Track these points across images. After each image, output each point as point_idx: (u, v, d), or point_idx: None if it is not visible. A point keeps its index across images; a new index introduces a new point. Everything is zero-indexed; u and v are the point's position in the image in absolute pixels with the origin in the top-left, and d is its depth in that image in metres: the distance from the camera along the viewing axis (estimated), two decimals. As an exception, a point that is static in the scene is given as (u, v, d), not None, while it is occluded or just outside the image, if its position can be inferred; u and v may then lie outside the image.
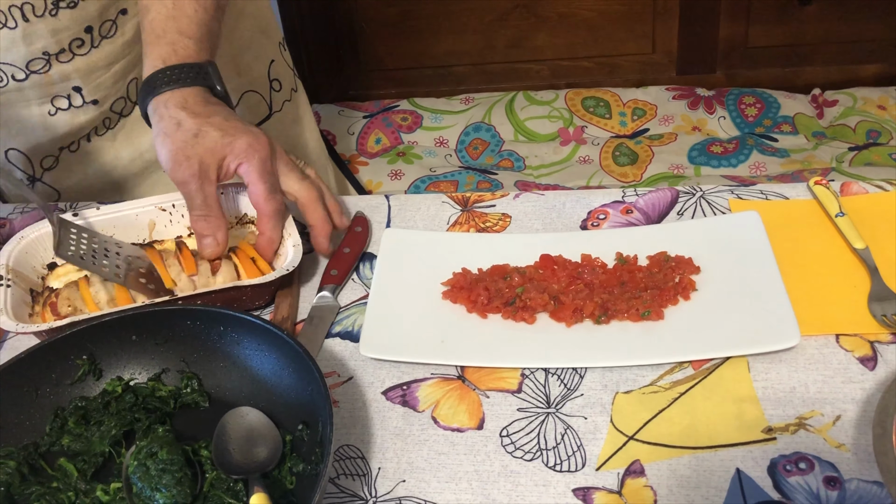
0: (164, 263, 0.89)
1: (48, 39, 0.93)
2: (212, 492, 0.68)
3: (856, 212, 0.87)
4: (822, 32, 2.25)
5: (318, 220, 0.88)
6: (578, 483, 0.69)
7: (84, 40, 0.96)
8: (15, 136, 1.02)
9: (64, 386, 0.76)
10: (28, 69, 0.93)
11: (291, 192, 0.87)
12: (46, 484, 0.71)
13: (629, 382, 0.76)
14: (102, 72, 1.00)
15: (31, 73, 0.94)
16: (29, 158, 1.05)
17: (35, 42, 0.92)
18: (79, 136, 1.05)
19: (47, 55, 0.94)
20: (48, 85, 0.97)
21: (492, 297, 0.83)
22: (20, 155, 1.04)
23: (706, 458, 0.69)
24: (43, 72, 0.94)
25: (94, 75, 1.00)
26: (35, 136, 1.02)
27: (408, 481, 0.71)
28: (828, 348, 0.76)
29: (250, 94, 1.16)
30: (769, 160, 2.11)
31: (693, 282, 0.83)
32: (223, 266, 0.88)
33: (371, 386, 0.79)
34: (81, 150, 1.07)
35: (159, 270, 0.88)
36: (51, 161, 1.06)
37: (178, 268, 0.88)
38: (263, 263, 0.88)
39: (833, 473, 0.67)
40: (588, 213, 0.94)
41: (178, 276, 0.88)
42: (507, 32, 2.35)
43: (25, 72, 0.94)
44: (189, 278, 0.88)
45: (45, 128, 1.01)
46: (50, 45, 0.94)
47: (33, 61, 0.94)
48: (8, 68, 0.93)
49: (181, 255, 0.89)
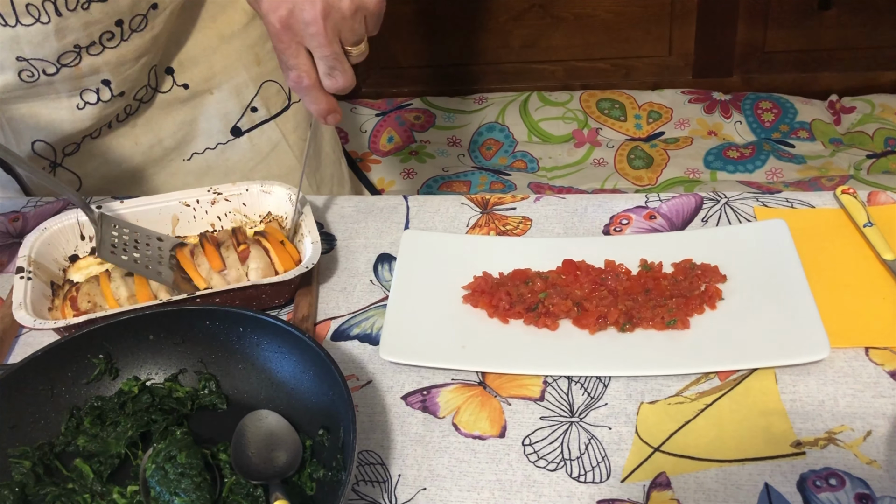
0: (195, 263, 0.88)
1: (80, 33, 0.92)
2: (231, 497, 0.67)
3: (884, 222, 0.86)
4: (841, 38, 2.23)
5: None
6: (603, 495, 0.68)
7: (114, 33, 0.96)
8: (43, 129, 1.02)
9: (80, 385, 0.75)
10: (59, 63, 0.93)
11: None
12: (62, 485, 0.70)
13: (654, 392, 0.75)
14: (131, 64, 1.00)
15: (63, 67, 0.94)
16: (53, 147, 1.05)
17: (67, 36, 0.92)
18: (101, 125, 1.05)
19: (78, 48, 0.93)
20: (78, 78, 0.96)
21: (513, 301, 0.82)
22: (46, 146, 1.04)
23: (734, 472, 0.68)
24: (73, 65, 0.94)
25: (123, 68, 0.99)
26: (62, 129, 1.02)
27: (429, 489, 0.70)
28: (857, 361, 0.75)
29: (269, 84, 1.16)
30: (786, 166, 2.09)
31: (719, 290, 0.81)
32: (253, 252, 0.86)
33: (391, 390, 0.78)
34: (102, 137, 1.07)
35: (189, 273, 0.87)
36: (72, 147, 1.06)
37: (207, 266, 0.87)
38: (291, 248, 0.87)
39: (864, 490, 0.65)
40: (610, 218, 0.93)
41: (208, 274, 0.87)
42: (523, 32, 2.34)
43: (56, 65, 0.93)
44: (220, 274, 0.87)
45: (72, 121, 1.01)
46: (81, 38, 0.93)
47: (65, 55, 0.93)
48: (39, 63, 0.93)
49: (204, 252, 0.88)
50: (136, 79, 1.03)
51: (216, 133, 1.14)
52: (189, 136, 1.12)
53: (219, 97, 1.12)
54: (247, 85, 1.14)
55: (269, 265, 0.86)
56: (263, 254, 0.87)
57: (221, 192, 0.93)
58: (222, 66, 1.11)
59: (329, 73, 0.81)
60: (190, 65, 1.09)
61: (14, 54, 0.91)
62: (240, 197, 0.93)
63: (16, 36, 0.90)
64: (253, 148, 1.16)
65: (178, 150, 1.13)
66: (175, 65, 1.08)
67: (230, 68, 1.12)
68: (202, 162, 1.14)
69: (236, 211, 0.94)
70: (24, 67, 0.93)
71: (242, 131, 1.15)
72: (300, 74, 0.81)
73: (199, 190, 0.93)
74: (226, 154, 1.15)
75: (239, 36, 1.12)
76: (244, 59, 1.13)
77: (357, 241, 0.95)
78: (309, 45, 0.79)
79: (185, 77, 1.09)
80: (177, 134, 1.12)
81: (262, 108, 1.15)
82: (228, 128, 1.14)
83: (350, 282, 0.90)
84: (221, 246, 0.89)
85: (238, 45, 1.12)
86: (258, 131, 1.16)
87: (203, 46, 1.09)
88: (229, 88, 1.12)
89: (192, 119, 1.12)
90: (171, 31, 1.05)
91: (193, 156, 1.14)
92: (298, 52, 0.80)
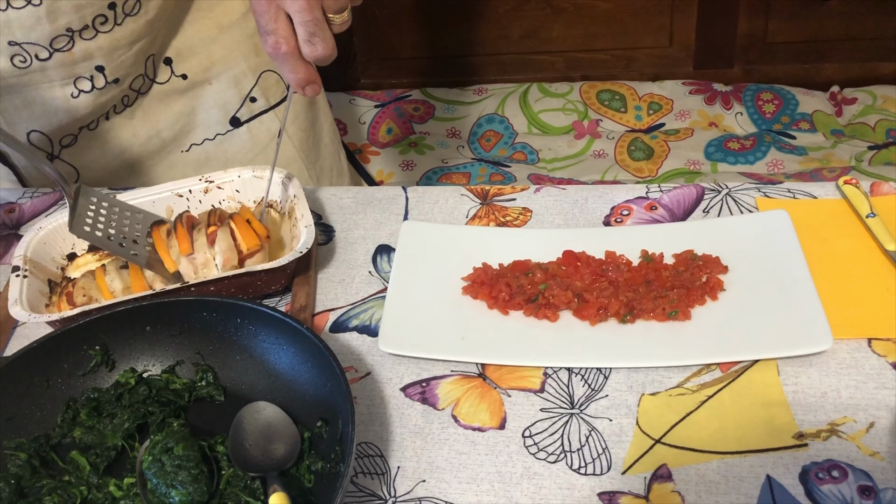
0: (167, 244, 0.86)
1: (72, 15, 0.91)
2: (228, 489, 0.66)
3: (887, 212, 0.85)
4: (842, 29, 2.22)
5: None
6: (604, 487, 0.67)
7: (107, 17, 0.95)
8: (37, 118, 1.01)
9: (76, 377, 0.74)
10: (52, 47, 0.92)
11: None
12: (58, 477, 0.69)
13: (655, 384, 0.74)
14: (125, 50, 0.99)
15: (55, 52, 0.93)
16: (49, 138, 1.04)
17: (59, 18, 0.91)
18: (98, 115, 1.04)
19: (71, 31, 0.92)
20: (71, 64, 0.95)
21: (513, 293, 0.81)
22: (41, 136, 1.03)
23: (735, 464, 0.67)
24: (66, 49, 0.93)
25: (117, 53, 0.98)
26: (57, 119, 1.01)
27: (428, 481, 0.69)
28: (860, 353, 0.74)
29: (268, 74, 1.15)
30: (787, 158, 2.09)
31: (721, 281, 0.81)
32: (219, 234, 0.85)
33: (389, 382, 0.77)
34: (100, 128, 1.06)
35: (160, 254, 0.85)
36: (70, 139, 1.05)
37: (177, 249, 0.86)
38: (258, 225, 0.85)
39: (867, 482, 0.65)
40: (611, 209, 0.92)
41: (177, 258, 0.85)
42: (523, 23, 2.32)
43: (49, 50, 0.92)
44: (187, 258, 0.85)
45: (67, 110, 1.00)
46: (73, 22, 0.92)
47: (57, 38, 0.92)
48: (32, 48, 0.92)
49: (176, 234, 0.86)
50: (132, 66, 1.02)
51: (215, 124, 1.13)
52: (187, 127, 1.12)
53: (217, 87, 1.11)
54: (245, 75, 1.13)
55: (232, 247, 0.84)
56: (228, 235, 0.85)
57: (213, 181, 0.92)
58: (221, 55, 1.10)
59: (309, 39, 0.77)
60: (188, 55, 1.08)
61: (6, 38, 0.90)
62: (232, 184, 0.93)
63: (7, 20, 0.88)
64: (252, 139, 1.15)
65: (176, 142, 1.12)
66: (173, 55, 1.07)
67: (229, 58, 1.11)
68: (201, 153, 1.14)
69: (230, 198, 0.93)
70: (17, 52, 0.92)
71: (241, 122, 1.14)
72: (278, 40, 0.77)
73: (190, 179, 0.92)
74: (224, 145, 1.14)
75: (238, 25, 1.11)
76: (243, 48, 1.12)
77: (356, 233, 0.94)
78: (289, 9, 0.76)
79: (184, 67, 1.08)
80: (175, 125, 1.11)
81: (262, 98, 1.15)
82: (227, 118, 1.13)
83: (349, 273, 0.89)
84: (195, 228, 0.87)
85: (237, 35, 1.11)
86: (257, 122, 1.15)
87: (201, 36, 1.09)
88: (228, 79, 1.11)
89: (191, 110, 1.11)
90: (168, 19, 1.04)
91: (192, 147, 1.13)
92: (278, 15, 0.77)
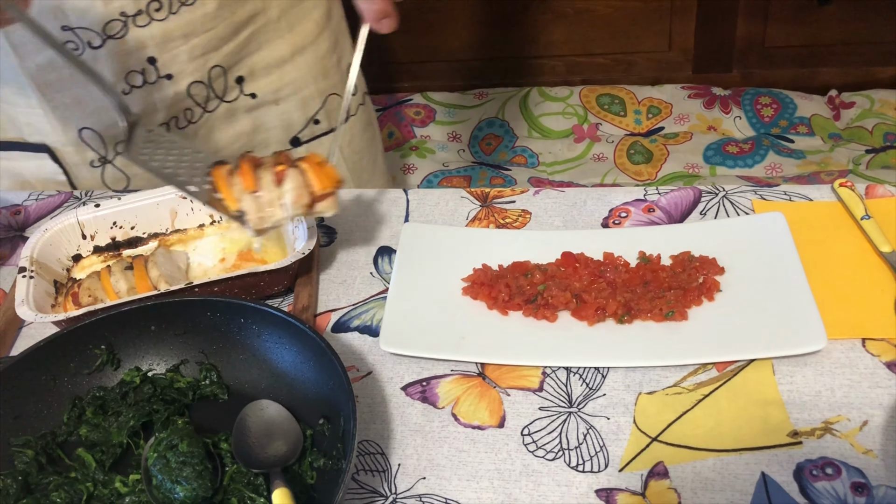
0: (228, 182, 0.79)
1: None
2: (232, 485, 0.67)
3: (881, 215, 0.86)
4: (841, 33, 2.23)
5: None
6: (601, 484, 0.68)
7: (162, 3, 0.94)
8: (89, 115, 1.00)
9: (82, 375, 0.76)
10: (105, 33, 0.92)
11: None
12: (64, 474, 0.70)
13: (652, 383, 0.75)
14: (179, 42, 0.98)
15: (108, 38, 0.92)
16: (103, 139, 1.04)
17: (114, 1, 0.90)
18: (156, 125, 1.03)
19: (125, 16, 0.92)
20: (123, 55, 0.95)
21: (513, 293, 0.82)
22: (94, 134, 1.03)
23: (731, 462, 0.68)
24: (119, 37, 0.92)
25: (170, 45, 0.98)
26: (109, 117, 1.00)
27: (428, 478, 0.70)
28: (854, 352, 0.75)
29: (333, 98, 1.16)
30: (785, 161, 2.10)
31: (717, 282, 0.82)
32: (290, 173, 0.78)
33: (390, 381, 0.79)
34: None
35: (221, 191, 0.78)
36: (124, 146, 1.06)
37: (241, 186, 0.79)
38: (331, 168, 0.80)
39: (860, 479, 0.66)
40: (609, 211, 0.93)
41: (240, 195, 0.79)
42: (523, 27, 2.34)
43: (102, 36, 0.92)
44: (252, 195, 0.79)
45: None
46: (128, 6, 0.92)
47: (110, 23, 0.92)
48: (84, 33, 0.91)
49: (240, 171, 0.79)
50: (187, 64, 1.01)
51: (275, 143, 1.13)
52: (247, 145, 1.11)
53: (284, 108, 1.11)
54: (313, 97, 1.13)
55: (302, 185, 0.79)
56: (298, 174, 0.79)
57: None
58: (292, 77, 1.10)
59: None
60: (262, 75, 1.08)
61: (59, 23, 0.89)
62: None
63: (60, 2, 0.88)
64: None
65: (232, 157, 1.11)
66: (246, 73, 1.07)
67: (299, 80, 1.11)
68: None
69: None
70: (69, 38, 0.91)
71: (301, 142, 1.14)
72: None
73: None
74: None
75: (310, 48, 1.11)
76: (314, 71, 1.12)
77: (357, 234, 0.95)
78: None
79: (254, 87, 1.08)
80: (235, 143, 1.11)
81: (325, 120, 1.15)
82: (288, 138, 1.13)
83: (350, 274, 0.90)
84: (260, 168, 0.80)
85: (309, 57, 1.11)
86: (317, 143, 1.15)
87: (276, 56, 1.08)
88: (296, 101, 1.11)
89: (253, 129, 1.10)
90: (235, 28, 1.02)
91: None
92: None
